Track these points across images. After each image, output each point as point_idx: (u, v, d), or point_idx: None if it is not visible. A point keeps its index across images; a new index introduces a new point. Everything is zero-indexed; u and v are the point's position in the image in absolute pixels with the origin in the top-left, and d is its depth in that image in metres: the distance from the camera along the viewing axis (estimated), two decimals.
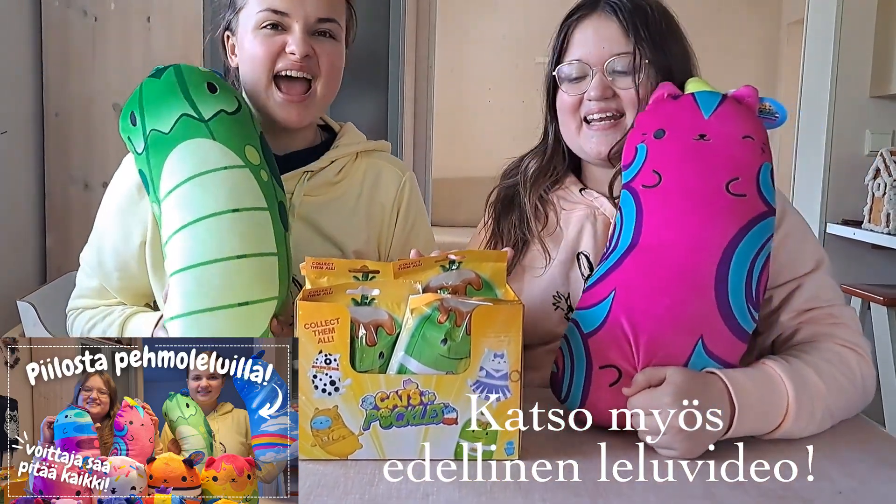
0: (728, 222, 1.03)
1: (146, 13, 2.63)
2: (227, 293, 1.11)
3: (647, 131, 1.11)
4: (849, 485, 0.92)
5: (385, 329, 0.95)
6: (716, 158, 1.06)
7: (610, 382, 1.02)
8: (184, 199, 1.13)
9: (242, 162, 1.16)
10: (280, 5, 1.28)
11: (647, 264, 1.04)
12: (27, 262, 2.65)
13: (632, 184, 1.10)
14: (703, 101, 1.11)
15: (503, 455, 0.95)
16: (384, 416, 0.93)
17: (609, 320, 1.03)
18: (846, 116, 3.43)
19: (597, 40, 1.28)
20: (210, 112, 1.17)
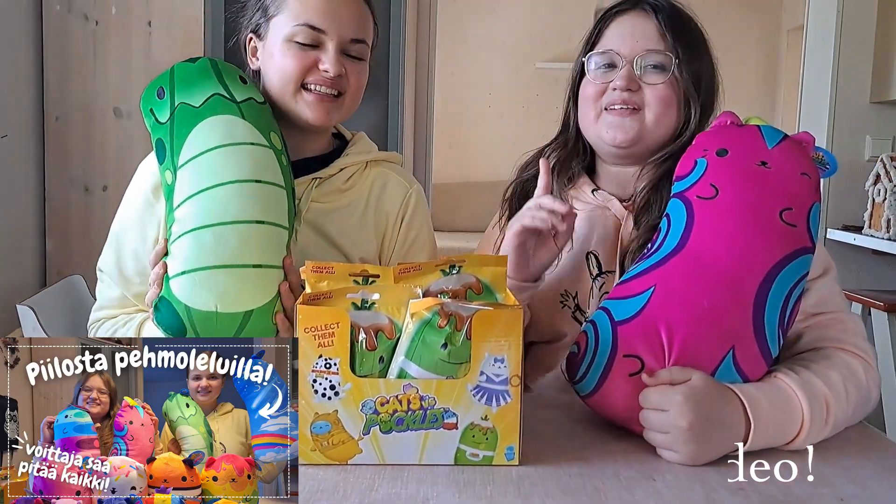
0: (776, 246, 1.06)
1: (147, 18, 2.63)
2: (243, 253, 1.14)
3: (709, 148, 1.15)
4: (851, 491, 0.91)
5: (385, 333, 0.95)
6: (774, 186, 1.09)
7: (630, 372, 1.02)
8: (208, 166, 1.17)
9: (267, 143, 1.21)
10: (318, 22, 1.29)
11: (691, 268, 1.05)
12: (27, 266, 2.65)
13: (685, 193, 1.13)
14: (767, 134, 1.15)
15: (503, 460, 0.94)
16: (384, 421, 0.92)
17: (644, 313, 1.04)
18: (846, 122, 3.44)
19: (632, 34, 1.30)
20: (242, 96, 1.23)
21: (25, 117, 2.62)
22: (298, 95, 1.31)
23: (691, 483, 0.92)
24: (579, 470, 0.94)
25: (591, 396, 1.05)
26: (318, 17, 1.29)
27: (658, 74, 1.28)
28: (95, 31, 2.63)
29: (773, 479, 0.93)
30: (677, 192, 1.15)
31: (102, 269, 1.37)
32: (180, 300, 1.12)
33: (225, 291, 1.12)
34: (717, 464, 0.97)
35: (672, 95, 1.29)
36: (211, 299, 1.11)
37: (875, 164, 3.25)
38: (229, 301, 1.12)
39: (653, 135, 1.30)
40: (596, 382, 1.04)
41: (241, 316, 1.12)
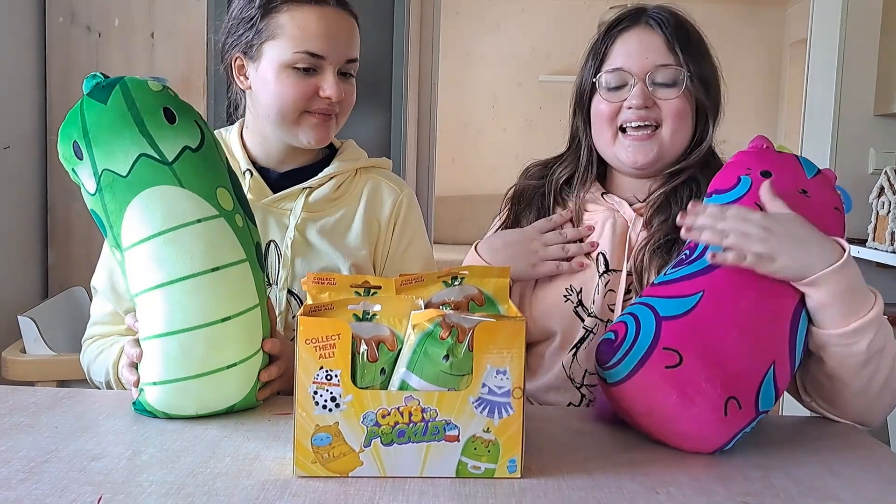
0: None
1: (150, 30, 2.64)
2: (214, 358, 1.07)
3: (753, 168, 1.16)
4: (855, 503, 0.91)
5: (387, 345, 0.94)
6: (814, 215, 1.12)
7: (668, 365, 1.02)
8: (155, 256, 1.05)
9: (216, 210, 1.07)
10: (318, 48, 1.30)
11: (737, 280, 1.06)
12: (29, 278, 2.65)
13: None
14: (805, 164, 1.19)
15: (505, 473, 0.93)
16: (385, 433, 0.92)
17: (693, 314, 1.05)
18: (850, 135, 3.43)
19: (640, 51, 1.32)
20: (173, 151, 1.06)
21: (28, 129, 2.63)
22: (300, 120, 1.33)
23: (696, 496, 0.91)
24: (582, 483, 0.93)
25: (619, 385, 1.05)
26: (318, 43, 1.30)
27: (670, 89, 1.31)
28: (98, 43, 2.64)
29: (776, 492, 0.92)
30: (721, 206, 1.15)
31: (96, 286, 1.38)
32: (158, 408, 1.10)
33: (203, 399, 1.09)
34: (722, 476, 0.96)
35: (686, 108, 1.32)
36: (189, 406, 1.09)
37: (879, 176, 3.25)
38: (209, 404, 1.10)
39: (671, 150, 1.34)
40: (629, 370, 1.04)
41: (223, 410, 1.12)
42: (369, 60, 1.54)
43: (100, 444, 1.00)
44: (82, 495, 0.85)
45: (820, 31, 3.58)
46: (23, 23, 2.58)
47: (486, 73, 6.51)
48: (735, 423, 1.02)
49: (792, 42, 6.33)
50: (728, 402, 1.01)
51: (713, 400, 1.01)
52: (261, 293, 1.13)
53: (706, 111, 1.35)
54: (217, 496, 0.86)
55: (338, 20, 1.33)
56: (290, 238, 1.35)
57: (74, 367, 1.83)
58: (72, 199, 2.67)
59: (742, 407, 1.02)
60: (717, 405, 1.01)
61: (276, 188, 1.39)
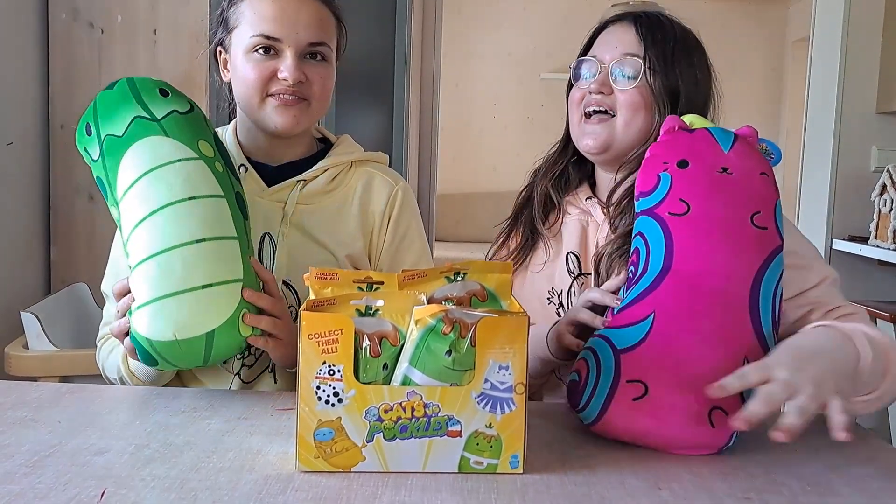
0: (755, 252, 1.08)
1: (152, 26, 2.64)
2: (189, 277, 1.12)
3: (669, 161, 1.14)
4: (858, 501, 0.90)
5: (389, 340, 0.94)
6: (739, 192, 1.10)
7: (634, 397, 1.01)
8: (141, 194, 1.15)
9: (196, 154, 1.17)
10: (273, 31, 1.31)
11: (684, 289, 1.05)
12: (31, 273, 2.65)
13: (656, 210, 1.12)
14: (719, 137, 1.15)
15: (507, 468, 0.93)
16: (388, 428, 0.92)
17: (648, 340, 1.03)
18: (852, 132, 3.43)
19: (614, 43, 1.35)
20: (162, 112, 1.18)
21: (31, 125, 2.63)
22: (263, 104, 1.34)
23: (698, 492, 0.91)
24: (584, 478, 0.93)
25: (595, 424, 1.04)
26: (272, 25, 1.31)
27: (629, 80, 1.32)
28: (101, 40, 2.64)
29: (779, 489, 0.92)
30: (646, 210, 1.14)
31: (104, 290, 1.41)
32: (142, 335, 1.12)
33: (179, 319, 1.11)
34: (725, 473, 0.96)
35: (641, 101, 1.32)
36: (168, 329, 1.11)
37: (881, 174, 3.25)
38: (186, 327, 1.12)
39: (623, 139, 1.34)
40: (599, 409, 1.03)
41: (202, 338, 1.12)
42: (371, 58, 1.54)
43: (103, 439, 1.01)
44: (85, 489, 0.86)
45: (822, 29, 3.58)
46: (25, 19, 2.58)
47: (487, 72, 6.51)
48: (727, 427, 0.99)
49: (794, 40, 6.33)
50: (712, 412, 0.99)
51: (695, 416, 0.99)
52: (240, 230, 1.17)
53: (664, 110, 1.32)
54: (220, 491, 0.86)
55: (296, 4, 1.33)
56: (283, 230, 1.36)
57: (77, 362, 1.84)
58: (74, 195, 2.67)
59: (729, 412, 0.98)
60: (700, 420, 0.99)
61: (271, 182, 1.40)
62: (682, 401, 1.00)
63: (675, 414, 1.00)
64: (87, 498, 0.84)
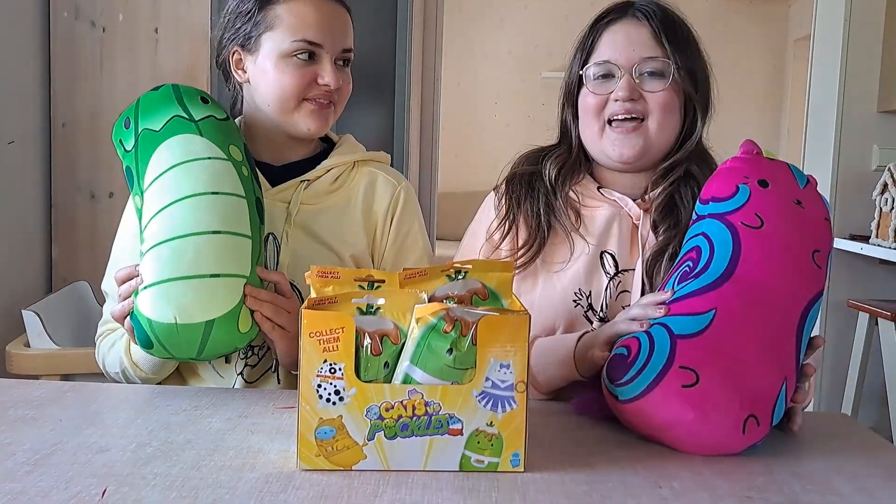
0: (810, 285, 1.11)
1: (154, 25, 2.64)
2: (199, 263, 1.15)
3: (750, 176, 1.16)
4: (859, 500, 0.90)
5: (390, 338, 0.94)
6: (808, 227, 1.14)
7: (684, 384, 1.00)
8: (166, 184, 1.19)
9: (225, 156, 1.22)
10: (315, 36, 1.33)
11: (747, 296, 1.07)
12: (33, 272, 2.65)
13: (729, 218, 1.14)
14: (796, 173, 1.19)
15: (508, 467, 0.94)
16: (389, 427, 0.92)
17: (708, 333, 1.04)
18: (853, 131, 3.43)
19: (627, 43, 1.30)
20: (200, 115, 1.24)
21: (32, 124, 2.63)
22: (298, 108, 1.35)
23: (698, 490, 0.91)
24: (585, 477, 0.94)
25: (633, 402, 1.03)
26: (315, 31, 1.33)
27: (657, 81, 1.29)
28: (102, 38, 2.64)
29: (779, 488, 0.92)
30: (717, 214, 1.15)
31: (105, 289, 1.41)
32: (143, 314, 1.14)
33: (183, 303, 1.13)
34: (725, 472, 0.96)
35: (673, 100, 1.30)
36: (170, 312, 1.13)
37: (882, 173, 3.25)
38: (188, 312, 1.13)
39: (657, 143, 1.32)
40: (644, 388, 1.01)
41: (201, 326, 1.14)
42: (372, 57, 1.55)
43: (104, 437, 1.01)
44: (87, 487, 0.86)
45: (823, 28, 3.58)
46: (27, 18, 2.58)
47: (488, 70, 6.51)
48: (752, 437, 1.02)
49: (795, 39, 6.32)
50: (747, 419, 1.01)
51: (732, 418, 1.00)
52: (254, 232, 1.21)
53: (694, 105, 1.33)
54: (221, 489, 0.87)
55: (332, 10, 1.36)
56: (287, 229, 1.36)
57: (78, 360, 1.84)
58: (76, 194, 2.67)
59: (760, 424, 1.01)
60: (736, 423, 1.00)
61: (274, 182, 1.40)
62: (727, 400, 1.00)
63: (718, 411, 1.00)
64: (88, 496, 0.84)
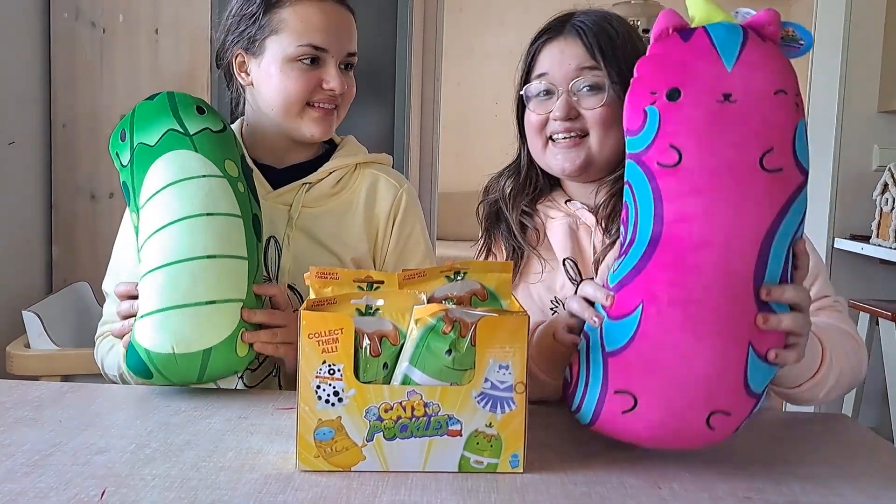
0: (765, 207, 0.88)
1: (154, 25, 2.64)
2: (194, 291, 1.14)
3: (658, 90, 0.91)
4: (859, 500, 0.90)
5: (389, 339, 0.94)
6: (746, 126, 0.88)
7: (624, 410, 0.94)
8: (161, 204, 1.17)
9: (221, 173, 1.19)
10: (322, 42, 1.32)
11: (676, 270, 0.89)
12: (33, 273, 2.65)
13: (643, 158, 0.92)
14: (721, 43, 0.90)
15: (507, 468, 0.94)
16: (388, 428, 0.92)
17: (637, 339, 0.92)
18: (854, 131, 3.43)
19: (562, 59, 1.29)
20: (196, 128, 1.21)
21: (33, 124, 2.63)
22: (303, 113, 1.35)
23: (698, 491, 0.91)
24: (584, 478, 0.94)
25: (592, 426, 0.99)
26: (321, 36, 1.32)
27: (594, 97, 1.26)
28: (102, 39, 2.64)
29: (779, 488, 0.92)
30: (634, 154, 0.94)
31: (105, 289, 1.41)
32: (141, 345, 1.14)
33: (180, 333, 1.13)
34: (725, 472, 0.96)
35: (612, 115, 1.26)
36: (168, 342, 1.13)
37: (882, 173, 3.24)
38: (185, 342, 1.13)
39: (600, 157, 1.29)
40: (591, 416, 0.98)
41: (199, 354, 1.14)
42: (373, 57, 1.55)
43: (104, 438, 1.01)
44: (86, 489, 0.86)
45: (824, 28, 3.57)
46: (27, 19, 2.58)
47: (488, 70, 6.50)
48: (728, 426, 0.93)
49: None
50: (710, 417, 0.91)
51: (690, 424, 0.92)
52: (251, 252, 1.19)
53: None
54: (220, 490, 0.87)
55: (338, 14, 1.35)
56: (289, 233, 1.36)
57: (78, 361, 1.84)
58: (76, 195, 2.67)
59: (731, 413, 0.92)
60: (697, 426, 0.92)
61: (276, 185, 1.40)
62: (675, 410, 0.92)
63: (669, 424, 0.93)
64: (87, 497, 0.84)
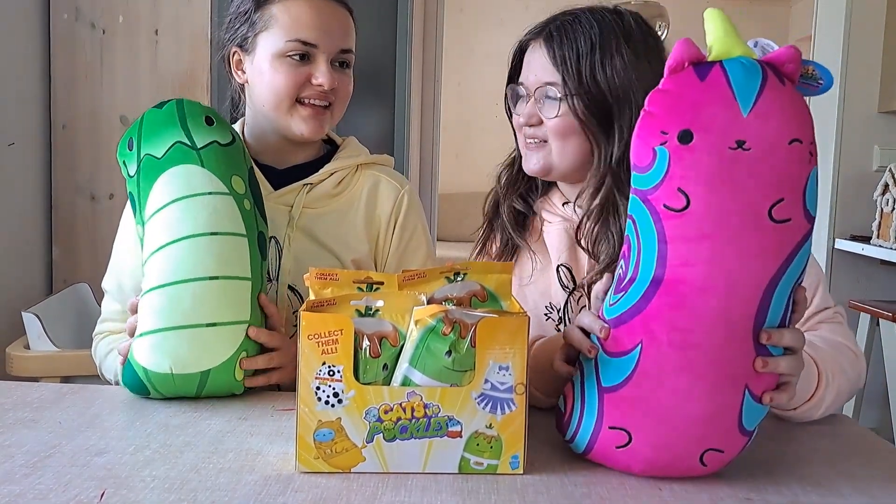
0: (771, 257, 0.86)
1: (154, 26, 2.64)
2: (196, 312, 1.13)
3: (669, 130, 0.87)
4: (860, 501, 0.90)
5: (389, 341, 0.94)
6: (758, 176, 0.85)
7: (618, 445, 0.93)
8: (166, 221, 1.15)
9: (227, 190, 1.18)
10: (309, 36, 1.31)
11: (677, 311, 0.88)
12: (33, 274, 2.65)
13: (649, 197, 0.90)
14: (739, 85, 0.86)
15: (508, 469, 0.93)
16: (388, 429, 0.92)
17: (634, 380, 0.91)
18: (854, 132, 3.43)
19: (531, 68, 1.30)
20: (203, 142, 1.18)
21: (33, 125, 2.63)
22: (293, 110, 1.34)
23: (698, 493, 0.91)
24: (584, 479, 0.93)
25: (587, 454, 0.98)
26: (310, 31, 1.31)
27: (551, 108, 1.26)
28: (102, 40, 2.64)
29: (779, 489, 0.92)
30: (639, 191, 0.91)
31: (105, 287, 1.41)
32: (139, 363, 1.14)
33: (179, 354, 1.13)
34: (725, 473, 0.96)
35: (569, 125, 1.25)
36: (166, 362, 1.13)
37: (883, 173, 3.24)
38: (184, 363, 1.13)
39: (561, 164, 1.29)
40: (585, 447, 0.97)
41: (197, 375, 1.14)
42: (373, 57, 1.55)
43: (103, 440, 1.01)
44: (85, 490, 0.86)
45: (824, 28, 3.58)
46: (27, 20, 2.58)
47: (489, 70, 6.50)
48: (721, 460, 0.93)
49: (796, 39, 6.31)
50: (704, 454, 0.92)
51: (683, 461, 0.93)
52: (255, 272, 1.18)
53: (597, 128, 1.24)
54: (220, 491, 0.86)
55: (330, 10, 1.34)
56: (289, 233, 1.36)
57: (78, 362, 1.84)
58: (76, 196, 2.67)
59: (724, 450, 0.93)
60: (690, 463, 0.93)
61: (277, 185, 1.40)
62: (669, 449, 0.92)
63: (662, 461, 0.93)
64: (86, 498, 0.84)
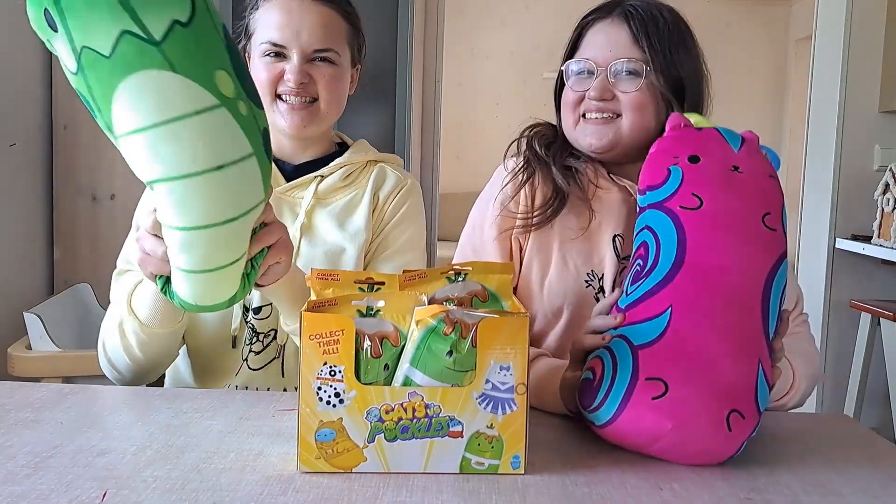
0: (767, 253, 1.05)
1: None
2: (215, 258, 1.02)
3: (679, 155, 1.12)
4: (860, 501, 0.90)
5: (390, 341, 0.94)
6: (751, 191, 1.08)
7: (654, 395, 0.97)
8: (153, 150, 0.93)
9: (216, 100, 0.91)
10: (278, 38, 1.39)
11: (700, 284, 1.03)
12: (34, 274, 2.65)
13: (667, 204, 1.09)
14: (728, 137, 1.14)
15: (509, 469, 0.94)
16: (389, 429, 0.92)
17: (667, 335, 1.00)
18: (855, 132, 3.43)
19: (605, 43, 1.32)
20: (160, 28, 0.86)
21: (34, 126, 2.63)
22: (274, 106, 1.41)
23: (699, 492, 0.91)
24: (585, 479, 0.93)
25: (609, 426, 1.00)
26: (278, 33, 1.39)
27: (631, 82, 1.29)
28: None
29: (780, 489, 0.92)
30: (654, 203, 1.11)
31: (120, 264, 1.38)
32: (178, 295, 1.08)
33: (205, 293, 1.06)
34: (726, 473, 0.96)
35: (647, 101, 1.30)
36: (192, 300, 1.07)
37: (884, 173, 3.24)
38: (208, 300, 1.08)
39: (629, 139, 1.31)
40: (616, 409, 0.99)
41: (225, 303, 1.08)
42: (373, 57, 1.55)
43: (105, 440, 1.01)
44: (87, 490, 0.86)
45: (825, 28, 3.57)
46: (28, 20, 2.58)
47: (489, 70, 6.51)
48: (741, 433, 0.98)
49: (797, 39, 6.32)
50: (730, 415, 0.97)
51: (713, 419, 0.97)
52: (266, 185, 1.02)
53: (675, 105, 1.31)
54: (221, 492, 0.87)
55: (303, 12, 1.39)
56: (300, 222, 1.42)
57: (79, 363, 1.84)
58: (77, 196, 2.67)
59: (745, 416, 0.97)
60: (718, 423, 0.97)
61: (290, 179, 1.47)
62: (701, 401, 0.97)
63: (695, 414, 0.96)
64: (88, 499, 0.84)
